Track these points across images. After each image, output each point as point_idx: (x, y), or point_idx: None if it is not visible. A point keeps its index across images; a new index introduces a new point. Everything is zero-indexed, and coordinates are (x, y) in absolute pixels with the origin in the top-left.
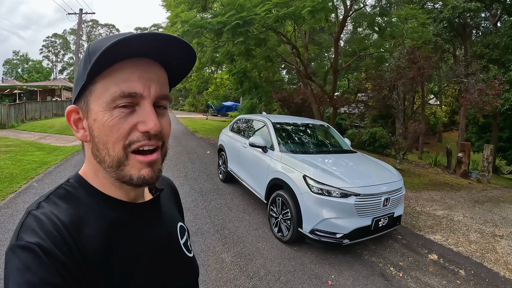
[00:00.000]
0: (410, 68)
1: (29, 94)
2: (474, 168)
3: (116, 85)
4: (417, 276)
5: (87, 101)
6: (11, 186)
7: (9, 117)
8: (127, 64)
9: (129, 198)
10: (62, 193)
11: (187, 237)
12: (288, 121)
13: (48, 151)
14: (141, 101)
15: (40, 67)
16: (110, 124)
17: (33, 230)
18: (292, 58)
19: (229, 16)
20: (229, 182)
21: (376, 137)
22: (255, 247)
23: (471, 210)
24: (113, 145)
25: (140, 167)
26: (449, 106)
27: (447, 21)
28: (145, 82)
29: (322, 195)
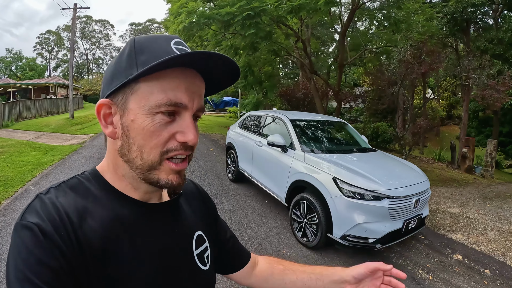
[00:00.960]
0: (420, 63)
1: (23, 92)
2: (478, 163)
3: (163, 92)
4: (446, 278)
5: (126, 98)
6: (6, 191)
7: (3, 116)
8: (176, 73)
9: (143, 199)
10: (73, 183)
11: (205, 248)
12: (305, 117)
13: (44, 151)
14: (183, 111)
15: (34, 64)
16: (151, 129)
17: (36, 211)
18: (296, 52)
19: (238, 7)
20: (239, 182)
21: (379, 132)
22: (280, 254)
23: (482, 206)
24: (150, 150)
25: (169, 172)
26: (447, 100)
27: (451, 16)
28: (191, 94)
29: (355, 199)
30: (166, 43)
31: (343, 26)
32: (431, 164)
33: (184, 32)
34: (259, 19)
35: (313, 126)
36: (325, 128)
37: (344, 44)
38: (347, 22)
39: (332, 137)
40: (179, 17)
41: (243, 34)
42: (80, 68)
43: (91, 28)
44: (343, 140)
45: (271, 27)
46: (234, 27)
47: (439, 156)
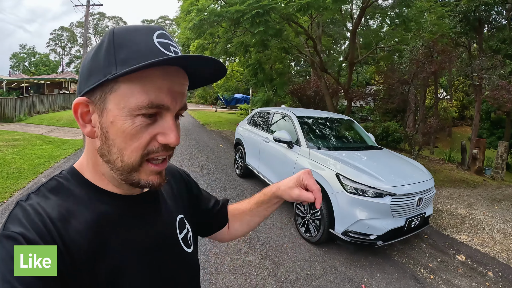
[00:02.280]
0: (430, 62)
1: (37, 87)
2: (488, 165)
3: (144, 93)
4: (448, 278)
5: (104, 98)
6: (19, 182)
7: (17, 111)
8: (157, 72)
9: (123, 191)
10: (52, 185)
11: (187, 231)
12: (312, 114)
13: (56, 145)
14: (165, 112)
15: (47, 60)
16: (131, 132)
17: (18, 220)
18: (306, 49)
19: (248, 5)
20: (247, 177)
21: (389, 131)
22: (282, 248)
23: (490, 208)
24: (130, 153)
25: (150, 174)
26: (459, 101)
27: (463, 15)
28: (174, 94)
29: (357, 195)
30: (148, 36)
31: (354, 24)
32: (441, 165)
33: (195, 29)
34: (268, 17)
35: (320, 123)
36: (332, 126)
37: (355, 42)
38: (357, 20)
39: (338, 134)
40: (189, 14)
41: (252, 31)
42: None
43: (104, 25)
44: (349, 137)
45: (281, 25)
46: (244, 24)
47: (449, 157)
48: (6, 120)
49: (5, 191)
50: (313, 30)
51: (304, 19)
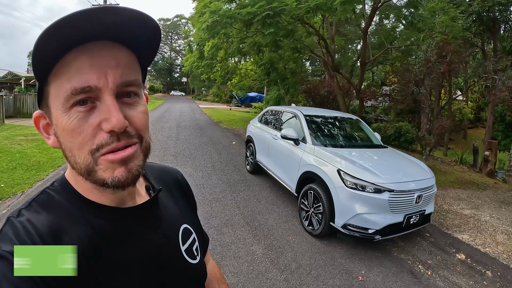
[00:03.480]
0: (440, 62)
1: None
2: (501, 167)
3: (67, 81)
4: (445, 275)
5: (47, 104)
6: (38, 174)
7: (35, 107)
8: (76, 53)
9: (115, 203)
10: (43, 199)
11: (193, 241)
12: (319, 113)
13: None
14: (100, 94)
15: None
16: (69, 128)
17: (9, 238)
18: (319, 49)
19: (259, 7)
20: (257, 173)
21: (401, 132)
22: (286, 240)
23: (497, 210)
24: (78, 151)
25: (112, 167)
26: (475, 102)
27: (477, 14)
28: (100, 70)
29: (356, 190)
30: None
31: (365, 25)
32: (453, 166)
33: (208, 30)
34: (278, 19)
35: (326, 122)
36: (338, 125)
37: (366, 43)
38: (368, 20)
39: (344, 132)
40: (203, 16)
41: (263, 32)
42: None
43: None
44: (354, 136)
45: (293, 25)
46: (256, 25)
47: (461, 158)
48: (25, 116)
49: (24, 182)
50: (325, 30)
51: (316, 19)
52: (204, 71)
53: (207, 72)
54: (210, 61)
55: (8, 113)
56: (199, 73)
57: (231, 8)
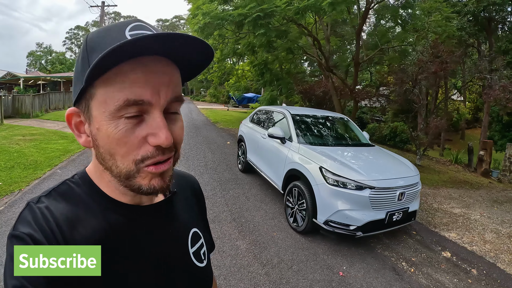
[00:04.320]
0: (432, 62)
1: (53, 85)
2: (496, 167)
3: (120, 91)
4: (429, 273)
5: (88, 105)
6: (35, 173)
7: (33, 107)
8: (132, 65)
9: (133, 201)
10: (63, 189)
11: (201, 245)
12: (307, 113)
13: (71, 140)
14: (150, 109)
15: (63, 58)
16: (116, 136)
17: (27, 221)
18: (314, 50)
19: (249, 8)
20: (248, 172)
21: (397, 132)
22: (270, 236)
23: (489, 209)
24: (122, 158)
25: (150, 177)
26: (473, 102)
27: (472, 15)
28: (154, 86)
29: (338, 187)
30: (119, 33)
31: (358, 25)
32: (447, 166)
33: (201, 31)
34: (269, 20)
35: (314, 121)
36: (325, 124)
37: (359, 43)
38: (361, 21)
39: (331, 132)
40: (195, 18)
41: (254, 33)
42: None
43: None
44: (341, 135)
45: (286, 26)
46: (247, 27)
47: (456, 158)
48: (23, 116)
49: (22, 180)
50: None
51: (310, 20)
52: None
53: (204, 73)
54: None
55: (7, 113)
56: None
57: (224, 10)
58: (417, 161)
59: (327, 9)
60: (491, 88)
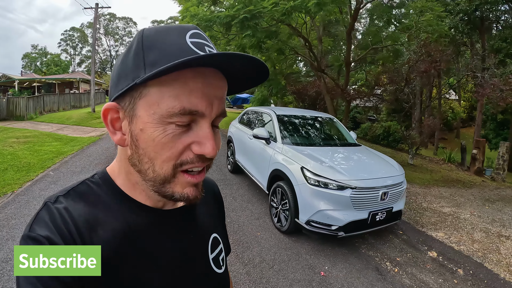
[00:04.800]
0: (422, 61)
1: (48, 87)
2: (489, 165)
3: (175, 97)
4: (413, 273)
5: (134, 103)
6: (28, 175)
7: (28, 109)
8: (191, 74)
9: (156, 204)
10: (83, 190)
11: (220, 250)
12: (293, 113)
13: (65, 142)
14: (200, 119)
15: (58, 60)
16: (162, 141)
17: (45, 223)
18: (305, 51)
19: (237, 10)
20: (237, 173)
21: (390, 131)
22: (254, 235)
23: (480, 208)
24: (161, 163)
25: (185, 185)
26: (468, 101)
27: (464, 14)
28: (209, 99)
29: (319, 187)
30: (180, 36)
31: (349, 25)
32: (440, 165)
33: None
34: (256, 21)
35: (299, 121)
36: (311, 124)
37: (350, 43)
38: (351, 21)
39: (316, 132)
40: (184, 20)
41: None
42: (104, 64)
43: (115, 25)
44: (327, 135)
45: (276, 27)
46: (235, 28)
47: (449, 157)
48: (18, 118)
49: (15, 182)
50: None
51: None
52: None
53: None
54: None
55: (2, 115)
56: None
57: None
58: (409, 160)
59: (313, 9)
60: (482, 87)
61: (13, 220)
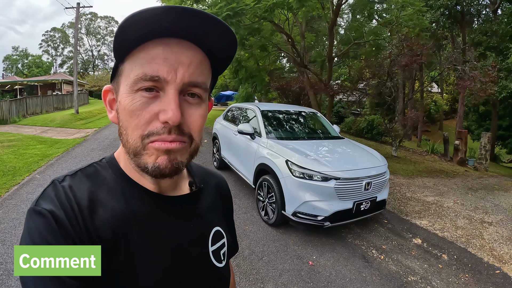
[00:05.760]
0: (403, 55)
1: (30, 89)
2: (472, 155)
3: (140, 66)
4: (399, 259)
5: (118, 81)
6: (14, 179)
7: (11, 113)
8: (155, 43)
9: (157, 189)
10: (89, 171)
11: (222, 245)
12: (276, 108)
13: (49, 144)
14: (166, 86)
15: (40, 61)
16: (130, 108)
17: (50, 198)
18: (288, 47)
19: (219, 8)
20: (223, 169)
21: (373, 125)
22: (242, 229)
23: (463, 197)
24: (131, 132)
25: (156, 155)
26: (450, 94)
27: (445, 8)
28: (172, 65)
29: (303, 179)
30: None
31: (331, 21)
32: (424, 156)
33: None
34: (239, 18)
35: (282, 116)
36: (295, 118)
37: (333, 38)
38: (333, 17)
39: (300, 126)
40: None
41: None
42: (86, 64)
43: (96, 25)
44: (310, 129)
45: (259, 24)
46: None
47: (432, 148)
48: (1, 122)
49: (1, 187)
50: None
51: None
52: None
53: None
54: None
55: None
56: None
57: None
58: (393, 152)
59: (294, 5)
60: (463, 79)
61: (2, 225)
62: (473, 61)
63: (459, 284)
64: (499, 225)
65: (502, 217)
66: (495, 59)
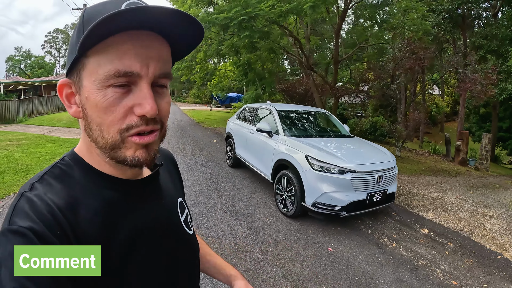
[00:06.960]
0: (407, 58)
1: (33, 90)
2: (473, 156)
3: (110, 62)
4: (409, 247)
5: (79, 75)
6: (28, 176)
7: (17, 112)
8: (123, 38)
9: (125, 176)
10: (56, 173)
11: (187, 214)
12: (291, 108)
13: (59, 143)
14: (138, 80)
15: (42, 62)
16: (103, 105)
17: (26, 213)
18: (295, 49)
19: (235, 12)
20: (237, 167)
21: (377, 126)
22: (263, 221)
23: (465, 193)
24: (107, 128)
25: (135, 148)
26: (451, 96)
27: (447, 12)
28: (143, 59)
29: (322, 172)
30: (116, 6)
31: (337, 25)
32: (426, 157)
33: None
34: (253, 23)
35: (297, 115)
36: (308, 118)
37: (338, 42)
38: (340, 21)
39: (314, 125)
40: None
41: (239, 35)
42: None
43: None
44: (323, 127)
45: (268, 28)
46: (232, 29)
47: (435, 149)
48: (7, 122)
49: (15, 184)
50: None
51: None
52: (184, 73)
53: (187, 74)
54: (189, 63)
55: None
56: (179, 75)
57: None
58: (396, 153)
59: (308, 11)
60: (464, 82)
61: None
62: (474, 64)
63: (465, 268)
64: (500, 218)
65: (502, 211)
66: (495, 62)
